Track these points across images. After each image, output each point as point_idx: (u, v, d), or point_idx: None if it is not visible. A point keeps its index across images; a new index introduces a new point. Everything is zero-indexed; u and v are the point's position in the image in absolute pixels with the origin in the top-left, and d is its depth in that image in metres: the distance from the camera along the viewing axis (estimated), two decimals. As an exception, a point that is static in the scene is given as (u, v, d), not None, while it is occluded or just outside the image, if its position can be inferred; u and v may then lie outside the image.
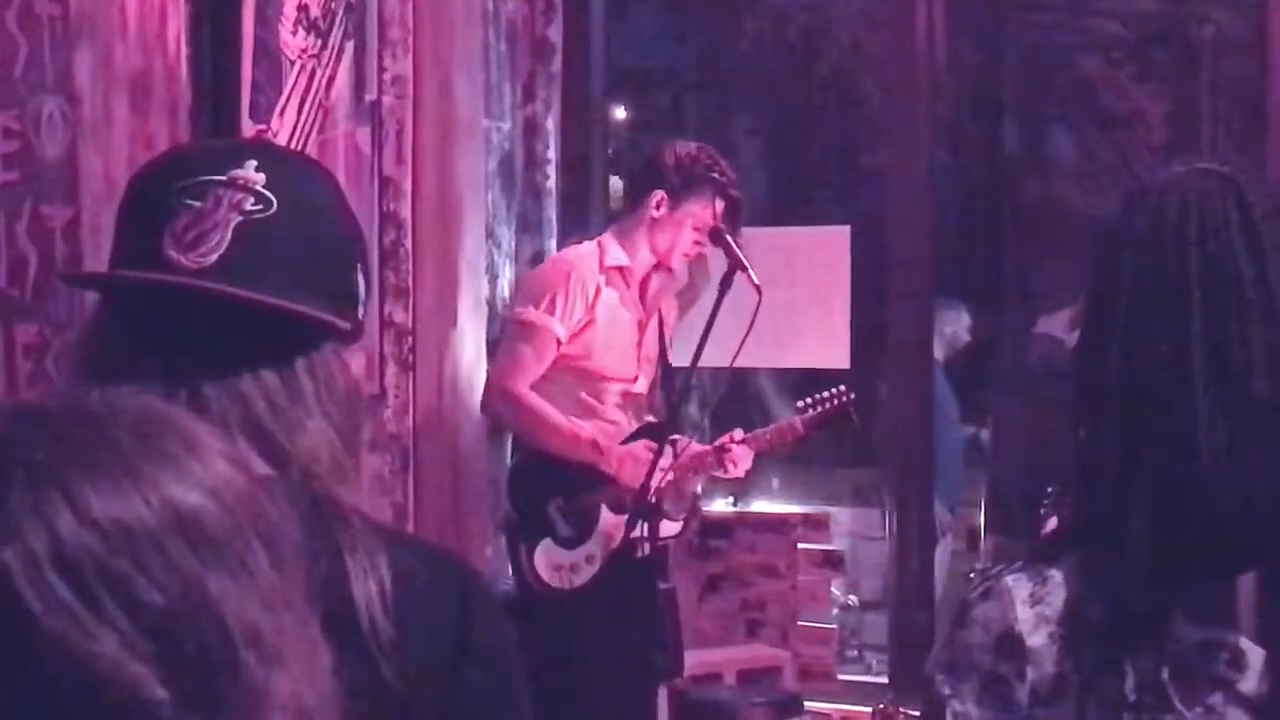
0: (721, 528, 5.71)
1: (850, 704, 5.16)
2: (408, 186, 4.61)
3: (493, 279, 4.99)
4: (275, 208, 1.39)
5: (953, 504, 7.26)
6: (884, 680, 5.75)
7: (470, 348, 4.68)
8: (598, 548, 4.35)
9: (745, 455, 4.48)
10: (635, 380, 4.50)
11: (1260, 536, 1.43)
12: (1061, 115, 12.42)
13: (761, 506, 6.43)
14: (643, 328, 4.50)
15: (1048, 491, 3.46)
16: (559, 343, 4.34)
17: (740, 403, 6.26)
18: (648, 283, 4.52)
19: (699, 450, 4.44)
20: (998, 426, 7.06)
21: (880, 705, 3.54)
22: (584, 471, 4.34)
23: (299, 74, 4.16)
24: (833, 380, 4.64)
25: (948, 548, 7.23)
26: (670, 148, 4.47)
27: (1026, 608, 1.49)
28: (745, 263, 4.33)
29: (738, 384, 4.82)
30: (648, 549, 4.26)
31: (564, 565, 4.33)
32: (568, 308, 4.33)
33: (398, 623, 1.33)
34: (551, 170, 5.30)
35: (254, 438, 1.35)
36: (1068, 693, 1.45)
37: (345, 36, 4.34)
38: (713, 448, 4.45)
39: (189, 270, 1.36)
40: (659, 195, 4.38)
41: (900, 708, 3.46)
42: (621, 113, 9.24)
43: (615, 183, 4.84)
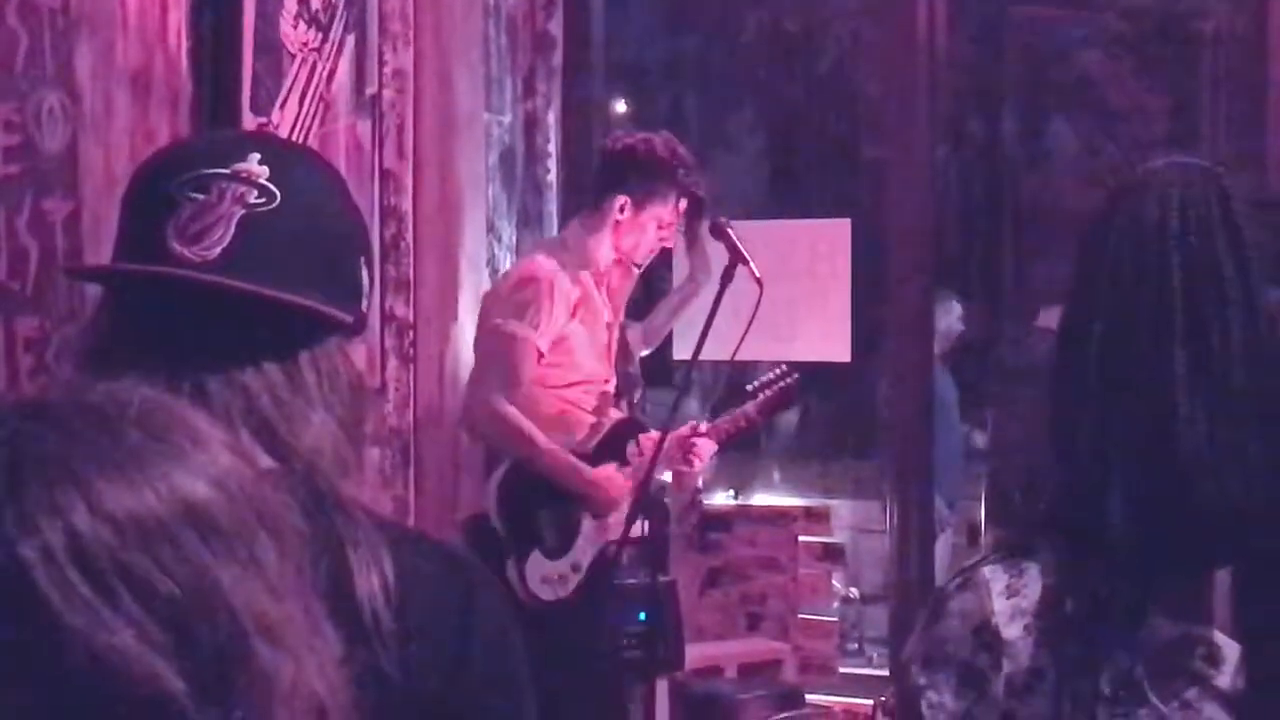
0: (722, 521, 5.71)
1: (851, 697, 5.16)
2: (408, 180, 4.61)
3: (493, 273, 4.99)
4: (278, 201, 1.39)
5: (953, 498, 7.27)
6: (885, 673, 5.75)
7: (471, 341, 4.68)
8: (583, 555, 4.32)
9: (707, 447, 4.46)
10: (608, 381, 4.47)
11: (1238, 531, 1.43)
12: (1061, 109, 12.42)
13: (762, 499, 6.44)
14: (611, 328, 4.46)
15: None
16: (541, 355, 4.28)
17: (740, 396, 6.26)
18: (610, 280, 4.47)
19: (664, 446, 4.37)
20: (997, 420, 7.06)
21: (881, 699, 3.55)
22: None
23: (300, 67, 4.16)
24: (834, 374, 4.64)
25: (948, 541, 7.24)
26: (631, 147, 4.37)
27: (1003, 600, 1.49)
28: (746, 256, 4.33)
29: (738, 377, 4.81)
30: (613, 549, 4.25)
31: (553, 577, 4.28)
32: (551, 322, 4.25)
33: (400, 616, 1.33)
34: (552, 164, 5.30)
35: (257, 431, 1.35)
36: (1043, 685, 1.45)
37: (346, 30, 4.34)
38: (676, 441, 4.39)
39: (192, 263, 1.36)
40: (621, 200, 4.32)
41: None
42: (622, 106, 9.24)
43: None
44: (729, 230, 4.40)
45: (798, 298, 5.16)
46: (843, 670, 5.68)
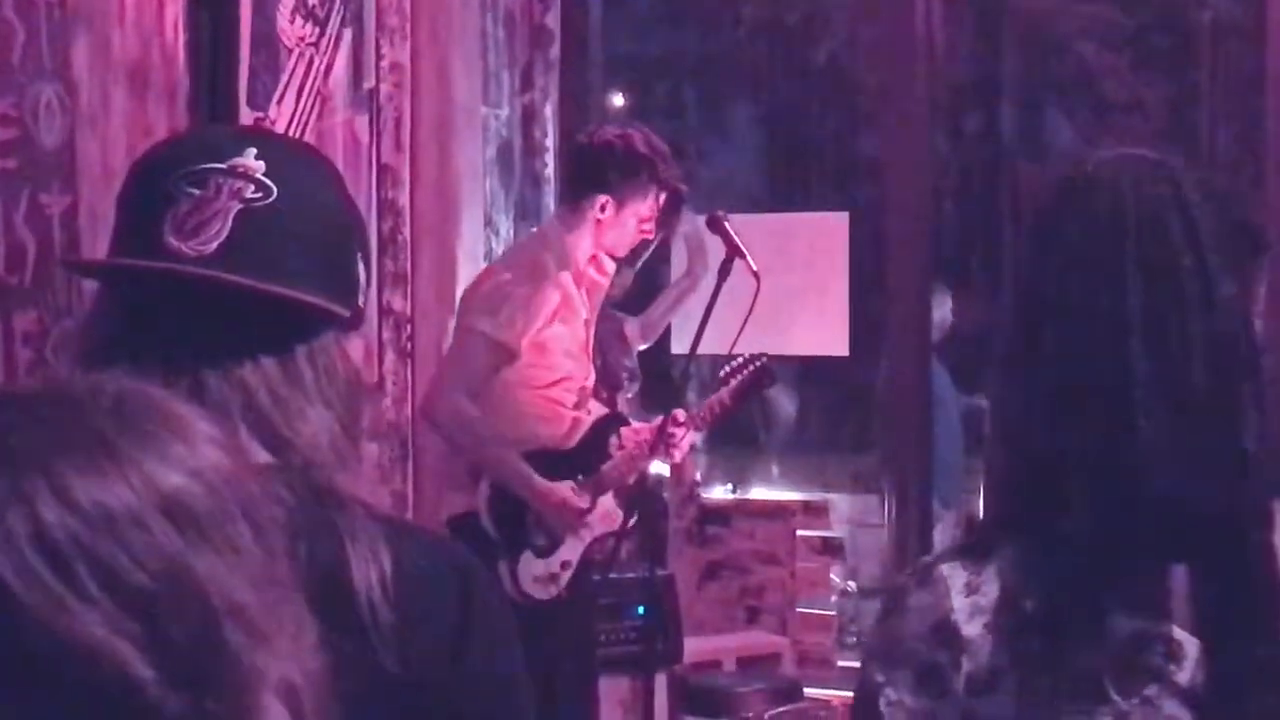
0: (720, 515, 5.71)
1: (849, 690, 5.16)
2: (406, 174, 4.61)
3: (491, 266, 4.99)
4: (276, 195, 1.39)
5: (951, 491, 7.27)
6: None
7: (469, 335, 4.67)
8: (571, 552, 4.31)
9: (687, 438, 4.44)
10: (587, 377, 4.44)
11: (1197, 526, 1.43)
12: (1059, 102, 12.42)
13: (760, 493, 6.45)
14: (589, 324, 4.41)
15: None
16: (514, 357, 4.21)
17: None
18: (587, 276, 4.39)
19: (643, 437, 4.35)
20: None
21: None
22: (558, 471, 4.29)
23: (297, 62, 4.15)
24: (832, 367, 4.65)
25: (946, 535, 7.24)
26: (609, 143, 4.28)
27: (962, 597, 1.48)
28: (744, 250, 4.33)
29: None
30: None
31: (544, 576, 4.27)
32: (529, 324, 4.19)
33: (398, 610, 1.33)
34: (550, 158, 5.30)
35: (255, 426, 1.35)
36: (1004, 684, 1.45)
37: (343, 24, 4.33)
38: (653, 432, 4.35)
39: (189, 258, 1.36)
40: (602, 199, 4.24)
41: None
42: (619, 100, 9.23)
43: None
44: (726, 224, 4.39)
45: (795, 291, 5.16)
46: (841, 664, 5.68)
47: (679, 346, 5.08)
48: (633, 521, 4.27)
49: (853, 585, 7.36)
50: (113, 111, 3.50)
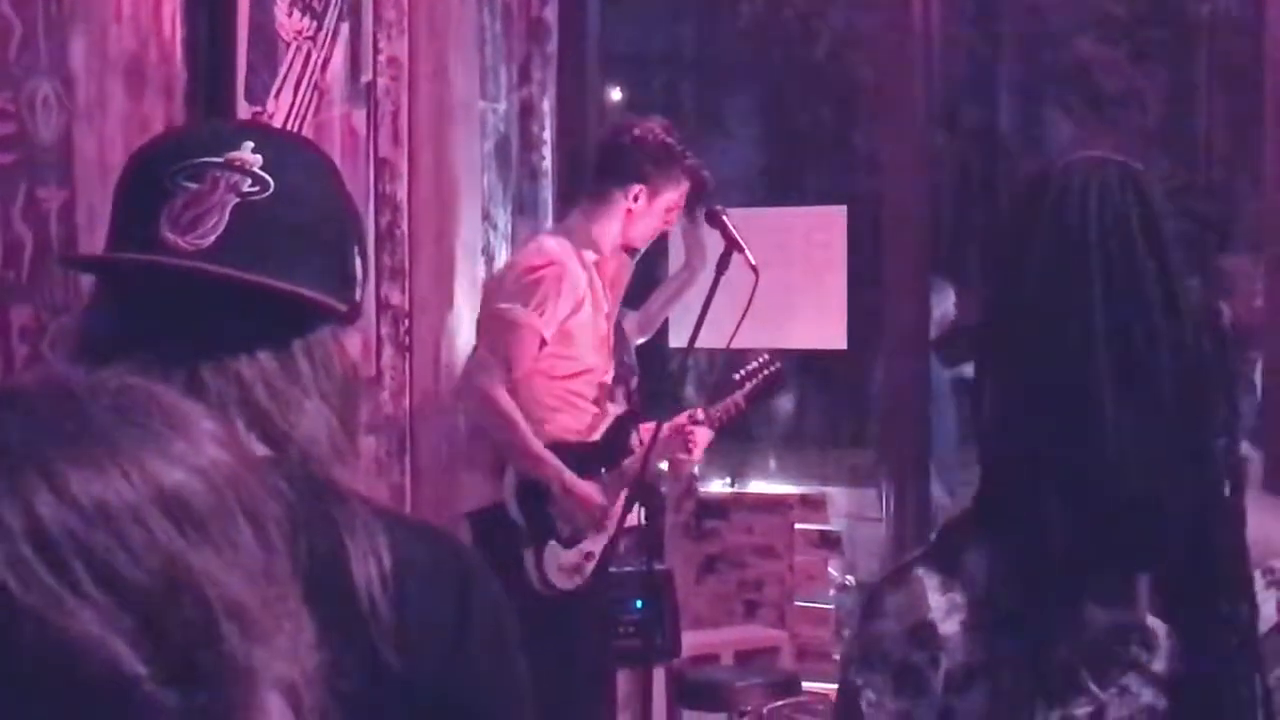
0: (718, 508, 5.71)
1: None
2: (403, 168, 4.61)
3: (489, 261, 4.99)
4: (272, 190, 1.39)
5: (950, 485, 7.27)
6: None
7: (467, 330, 4.68)
8: (594, 544, 4.32)
9: (705, 436, 4.47)
10: (607, 372, 4.47)
11: (1165, 529, 1.44)
12: (1057, 96, 12.41)
13: (758, 487, 6.44)
14: (610, 318, 4.46)
15: None
16: (543, 343, 4.26)
17: (729, 385, 6.27)
18: (609, 269, 4.47)
19: (662, 435, 4.38)
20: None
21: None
22: (582, 466, 4.31)
23: (294, 56, 4.15)
24: (830, 361, 4.66)
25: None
26: (639, 133, 4.38)
27: (938, 595, 1.49)
28: (742, 243, 4.33)
29: (734, 365, 4.81)
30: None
31: (568, 565, 4.29)
32: (557, 311, 4.24)
33: (398, 604, 1.33)
34: (547, 152, 5.30)
35: (252, 420, 1.35)
36: (981, 680, 1.45)
37: (340, 18, 4.33)
38: (673, 430, 4.40)
39: (186, 252, 1.36)
40: (637, 189, 4.33)
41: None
42: (617, 94, 9.22)
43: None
44: (724, 218, 4.41)
45: (793, 285, 5.16)
46: (839, 657, 5.68)
47: (677, 340, 5.08)
48: (640, 517, 4.28)
49: (851, 579, 7.35)
50: (110, 106, 3.50)
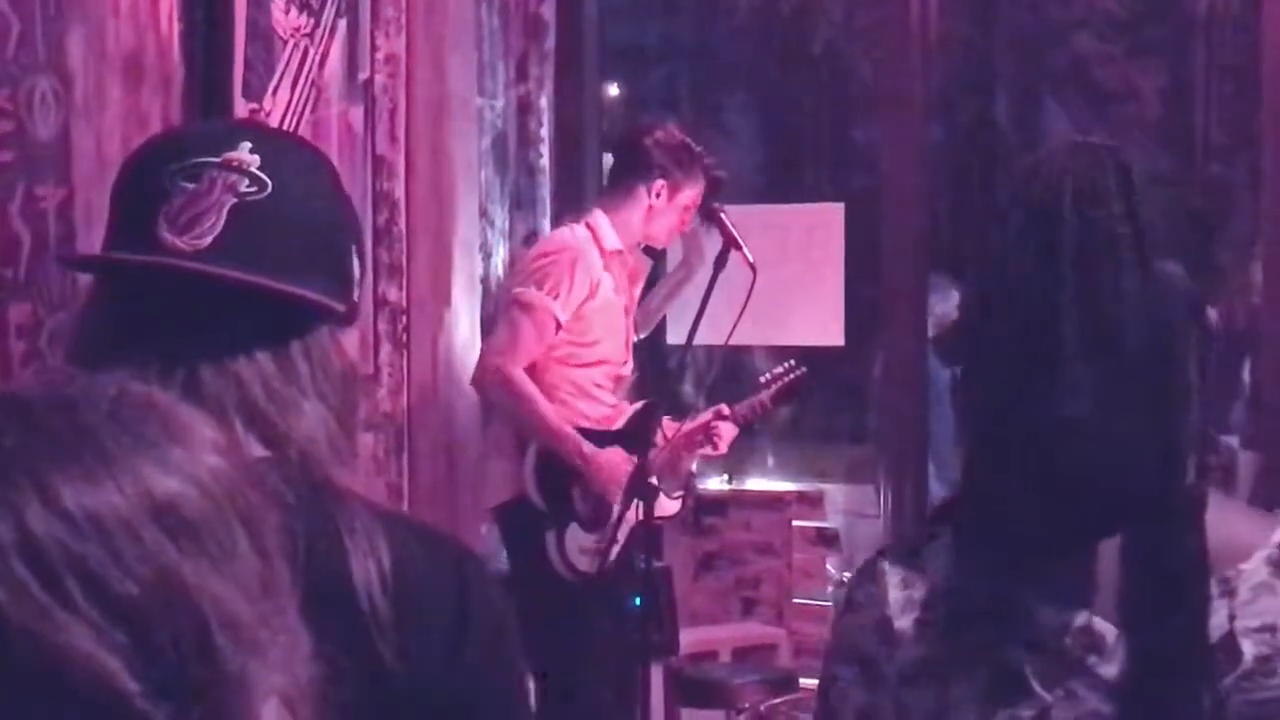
0: (716, 505, 5.71)
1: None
2: (401, 165, 4.61)
3: (486, 257, 4.99)
4: (270, 190, 1.39)
5: (948, 482, 7.26)
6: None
7: (464, 326, 4.68)
8: (619, 530, 4.34)
9: (730, 432, 4.54)
10: (625, 364, 4.52)
11: (1125, 502, 1.43)
12: (1055, 91, 12.41)
13: (756, 484, 6.44)
14: (629, 311, 4.52)
15: None
16: (559, 326, 4.32)
17: (735, 381, 6.27)
18: (627, 264, 4.53)
19: (688, 429, 4.47)
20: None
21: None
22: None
23: (292, 53, 4.15)
24: (827, 358, 4.67)
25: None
26: (662, 134, 4.51)
27: (898, 591, 1.50)
28: (740, 241, 4.35)
29: (732, 362, 4.83)
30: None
31: (590, 549, 4.34)
32: (571, 294, 4.31)
33: (397, 604, 1.33)
34: (545, 148, 5.30)
35: (250, 420, 1.35)
36: (931, 675, 1.45)
37: (338, 15, 4.32)
38: (700, 425, 4.47)
39: (183, 252, 1.36)
40: (660, 184, 4.42)
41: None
42: (615, 90, 9.22)
43: (609, 160, 4.85)
44: (722, 215, 4.44)
45: (791, 282, 5.16)
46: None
47: (675, 337, 5.08)
48: (639, 513, 4.29)
49: (848, 576, 7.36)
50: (108, 103, 3.50)
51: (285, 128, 3.95)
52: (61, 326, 3.27)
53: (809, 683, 5.09)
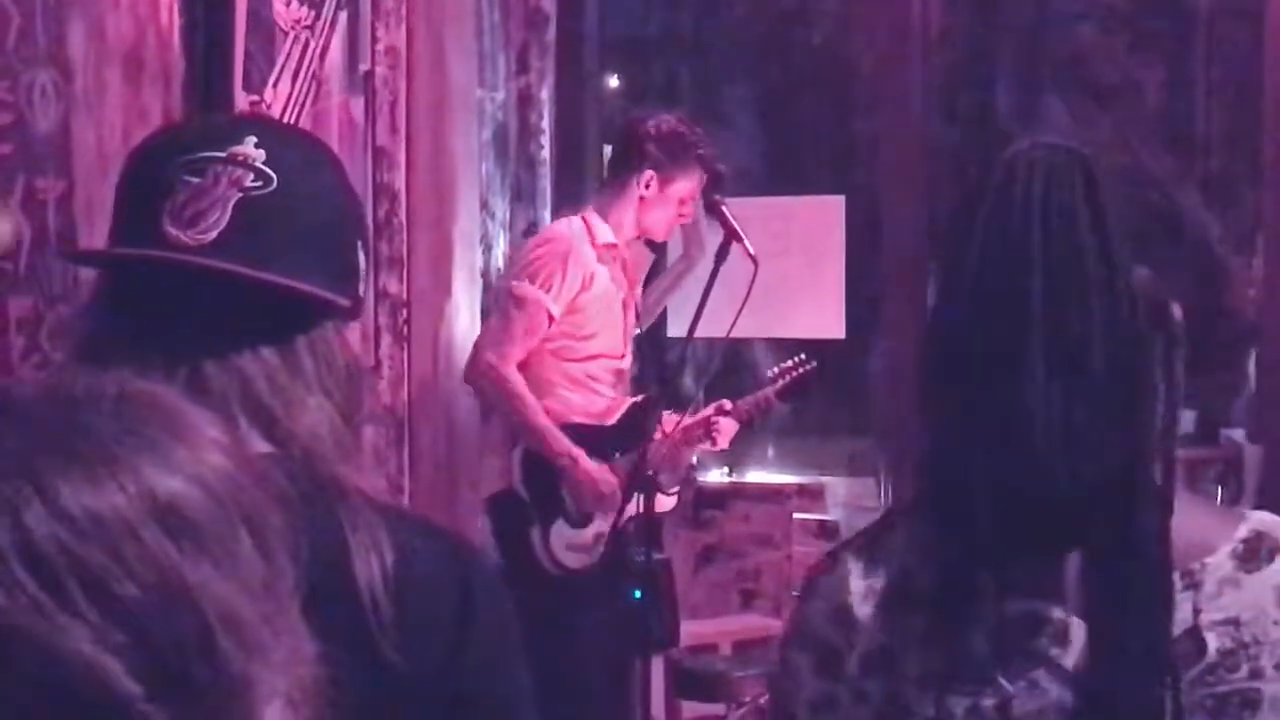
0: (716, 498, 5.71)
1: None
2: (401, 157, 4.60)
3: (487, 249, 4.99)
4: (275, 184, 1.38)
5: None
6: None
7: (465, 319, 4.67)
8: (606, 524, 4.33)
9: (730, 427, 4.52)
10: (623, 357, 4.50)
11: (1089, 512, 1.42)
12: (1055, 83, 12.40)
13: (756, 477, 6.43)
14: (627, 305, 4.50)
15: None
16: (551, 319, 4.32)
17: (735, 374, 6.27)
18: (625, 257, 4.51)
19: (688, 424, 4.45)
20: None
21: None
22: (596, 449, 4.34)
23: (292, 45, 4.14)
24: (828, 351, 4.66)
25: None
26: (653, 123, 4.45)
27: (860, 580, 1.50)
28: (741, 233, 4.34)
29: (733, 355, 4.82)
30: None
31: (577, 545, 4.32)
32: (564, 286, 4.30)
33: (399, 601, 1.32)
34: (546, 140, 5.29)
35: (254, 416, 1.35)
36: (892, 664, 1.45)
37: (338, 7, 4.32)
38: (700, 420, 4.46)
39: (188, 247, 1.36)
40: (648, 175, 4.38)
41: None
42: (615, 82, 9.21)
43: (609, 152, 4.84)
44: (723, 207, 4.42)
45: (792, 274, 5.16)
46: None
47: (676, 330, 5.08)
48: (640, 506, 4.28)
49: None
50: (108, 96, 3.49)
51: (286, 120, 3.94)
52: (62, 320, 3.26)
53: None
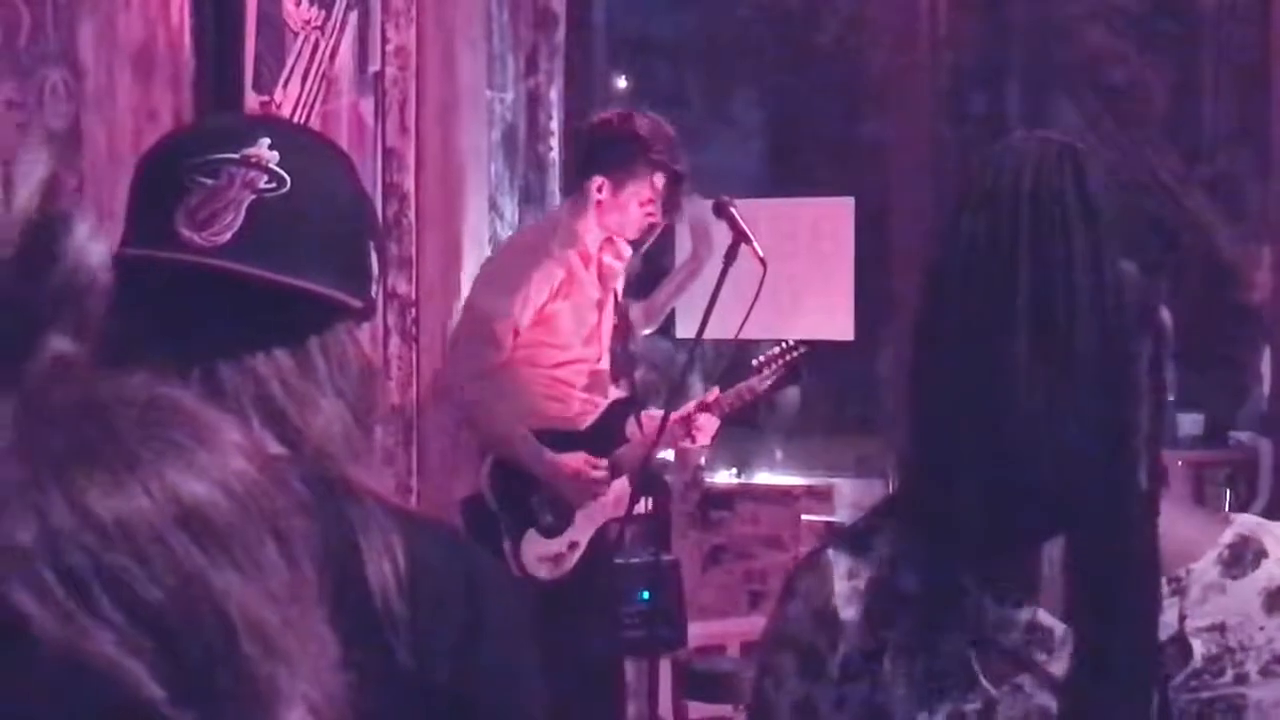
0: (724, 499, 5.71)
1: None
2: (411, 158, 4.61)
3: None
4: (289, 186, 1.38)
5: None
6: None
7: (474, 320, 4.67)
8: (580, 534, 4.30)
9: (710, 424, 4.43)
10: (599, 360, 4.45)
11: (1072, 500, 1.41)
12: (1064, 86, 12.39)
13: (764, 478, 6.42)
14: (602, 306, 4.42)
15: None
16: (517, 332, 4.25)
17: (743, 376, 6.28)
18: (600, 259, 4.42)
19: (672, 421, 4.36)
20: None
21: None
22: (567, 452, 4.29)
23: (302, 45, 4.14)
24: (836, 352, 4.65)
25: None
26: (604, 125, 4.33)
27: (844, 581, 1.47)
28: (750, 235, 4.32)
29: (741, 356, 4.81)
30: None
31: (548, 556, 4.26)
32: (530, 298, 4.22)
33: (411, 603, 1.32)
34: (554, 141, 5.29)
35: (267, 417, 1.35)
36: (875, 668, 1.44)
37: (348, 7, 4.32)
38: (679, 418, 4.38)
39: (202, 249, 1.36)
40: (599, 180, 4.26)
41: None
42: (623, 82, 9.21)
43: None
44: (732, 209, 4.38)
45: (800, 276, 5.16)
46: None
47: (684, 331, 5.08)
48: (649, 506, 4.27)
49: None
50: (119, 95, 3.50)
51: (296, 120, 3.95)
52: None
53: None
